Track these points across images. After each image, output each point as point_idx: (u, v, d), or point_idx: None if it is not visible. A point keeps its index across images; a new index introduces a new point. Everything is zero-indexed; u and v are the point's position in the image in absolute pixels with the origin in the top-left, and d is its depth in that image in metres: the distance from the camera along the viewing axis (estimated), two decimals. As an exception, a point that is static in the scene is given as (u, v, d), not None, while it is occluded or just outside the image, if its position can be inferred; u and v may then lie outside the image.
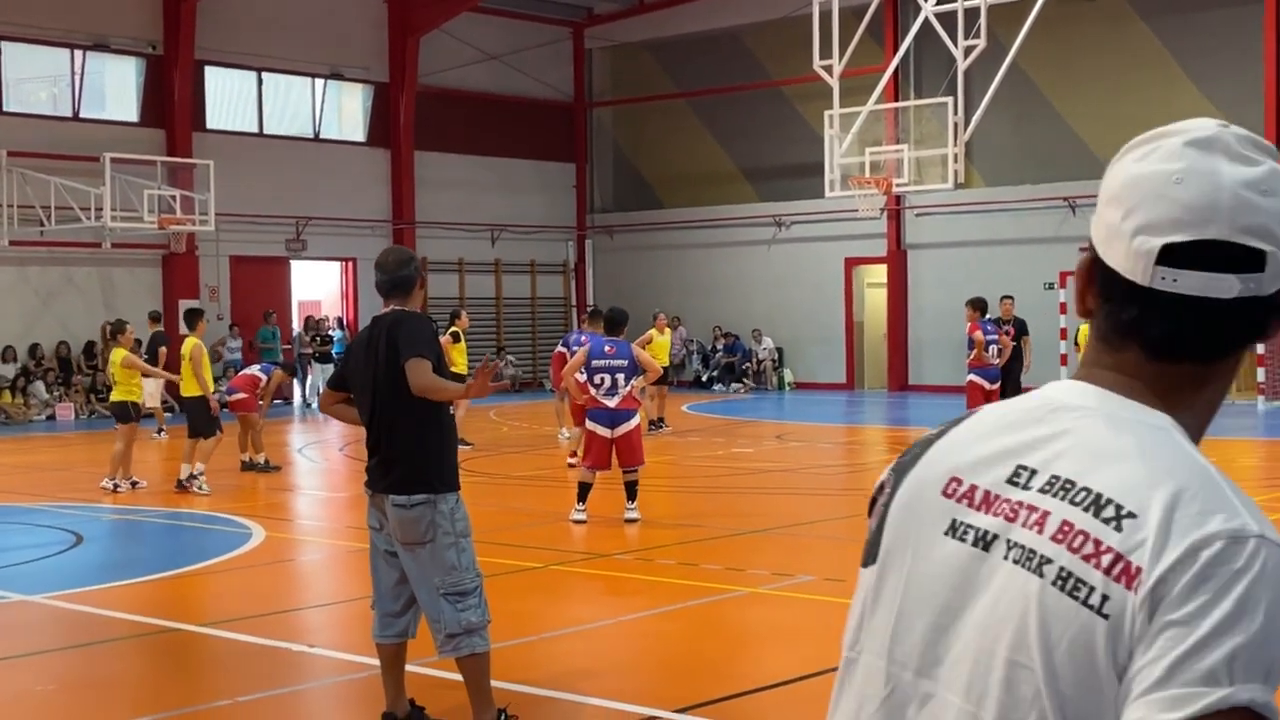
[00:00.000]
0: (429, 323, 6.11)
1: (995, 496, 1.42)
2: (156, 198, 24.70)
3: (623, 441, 11.72)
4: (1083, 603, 1.31)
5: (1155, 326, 1.42)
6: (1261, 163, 1.42)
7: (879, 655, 1.46)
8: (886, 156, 22.95)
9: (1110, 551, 1.31)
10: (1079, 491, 1.36)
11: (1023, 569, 1.36)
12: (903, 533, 1.48)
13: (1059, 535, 1.35)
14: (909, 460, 1.53)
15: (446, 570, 5.80)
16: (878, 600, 1.49)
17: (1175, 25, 26.44)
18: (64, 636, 8.18)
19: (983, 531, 1.41)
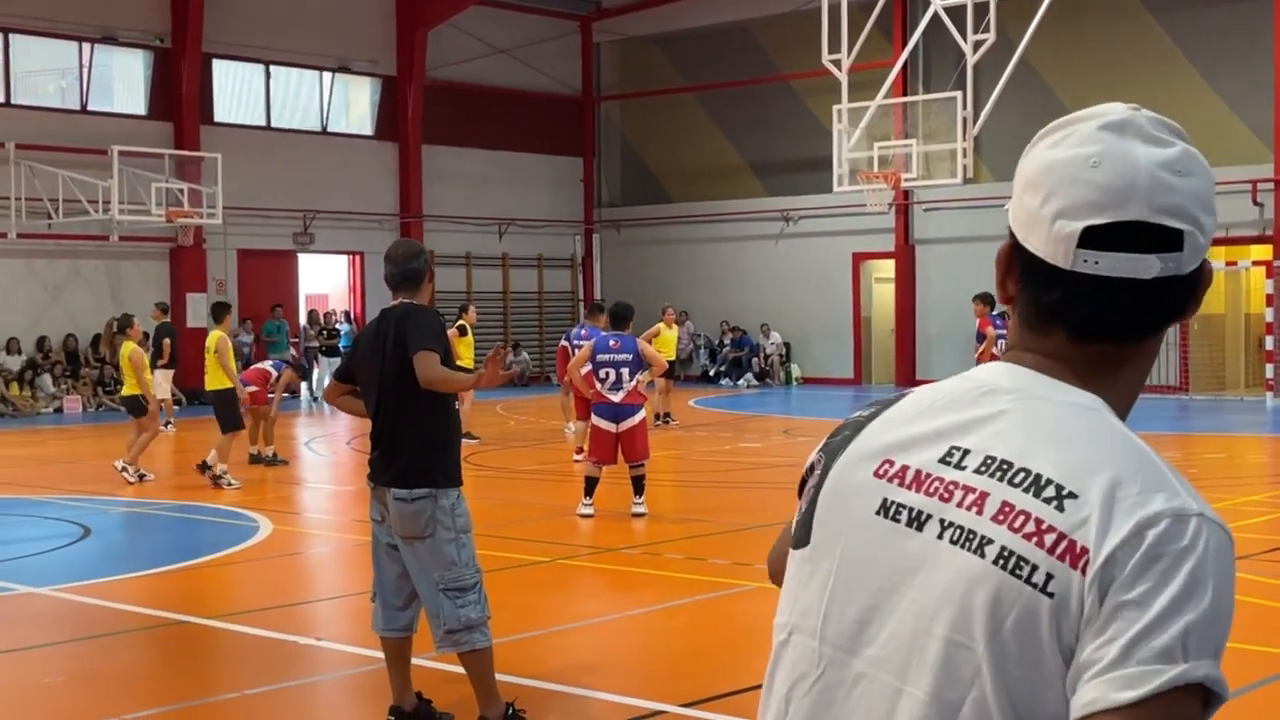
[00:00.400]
0: (437, 317, 6.10)
1: (927, 476, 1.42)
2: (164, 191, 24.73)
3: (627, 436, 11.71)
4: (1026, 581, 1.31)
5: (1079, 309, 1.45)
6: (1174, 144, 1.44)
7: (810, 636, 1.46)
8: (895, 151, 22.91)
9: (1053, 531, 1.32)
10: (1017, 472, 1.37)
11: (961, 549, 1.36)
12: (834, 514, 1.48)
13: (999, 516, 1.35)
14: (840, 442, 1.52)
15: (446, 566, 5.79)
16: (809, 581, 1.48)
17: (1184, 20, 26.37)
18: (72, 629, 8.19)
19: (915, 511, 1.41)
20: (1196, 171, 1.43)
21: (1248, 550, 9.96)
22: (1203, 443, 18.55)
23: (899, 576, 1.40)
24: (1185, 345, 26.34)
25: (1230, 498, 12.76)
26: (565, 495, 13.10)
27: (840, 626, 1.43)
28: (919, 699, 1.35)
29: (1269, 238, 25.53)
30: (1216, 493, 13.25)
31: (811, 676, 1.45)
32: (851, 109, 22.87)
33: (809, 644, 1.46)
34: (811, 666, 1.45)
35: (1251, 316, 27.24)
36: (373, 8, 30.44)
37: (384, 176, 30.79)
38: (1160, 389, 26.24)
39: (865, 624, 1.41)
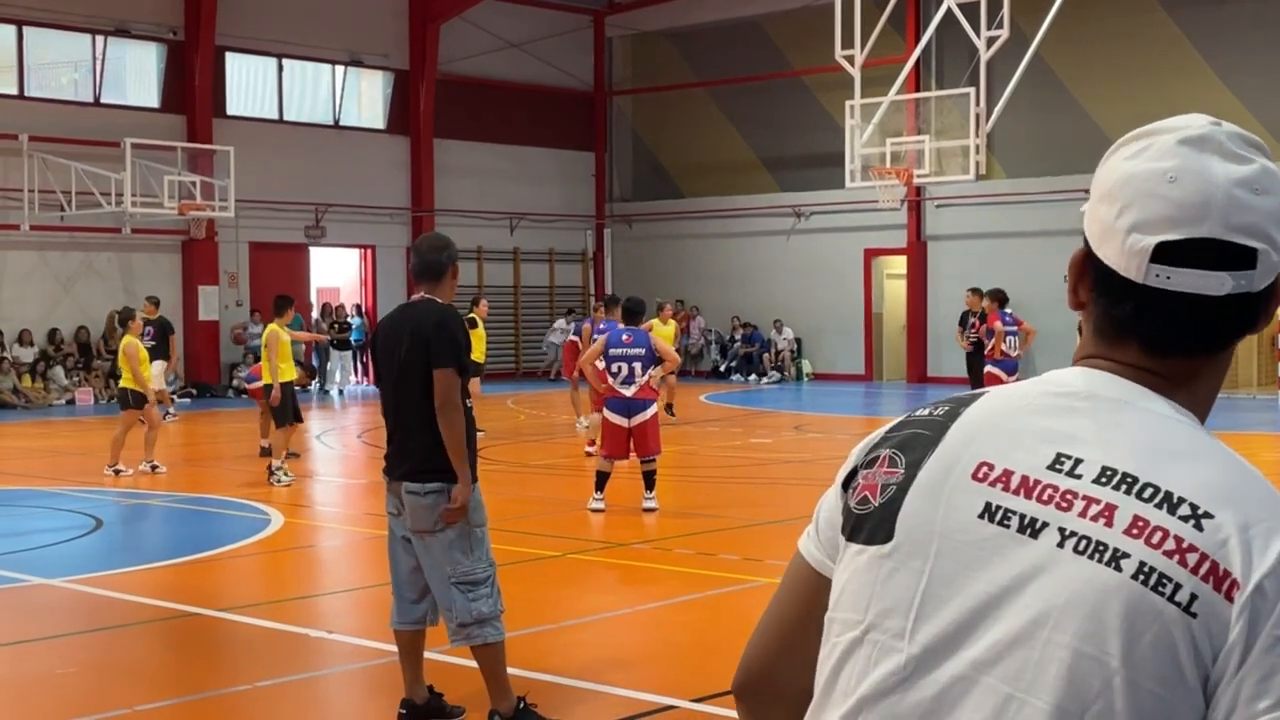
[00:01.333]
0: (463, 325, 6.05)
1: (1036, 483, 1.39)
2: (177, 183, 24.77)
3: (639, 431, 11.71)
4: (1169, 599, 1.30)
5: (1152, 323, 1.44)
6: (1254, 161, 1.43)
7: (895, 636, 1.42)
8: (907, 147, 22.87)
9: (1194, 550, 1.31)
10: (1144, 487, 1.35)
11: (1090, 560, 1.33)
12: (926, 513, 1.44)
13: (1133, 530, 1.33)
14: (918, 439, 1.49)
15: (458, 559, 5.79)
16: (890, 579, 1.44)
17: (1199, 16, 26.28)
18: (83, 620, 8.21)
19: (1029, 518, 1.38)
20: (1274, 189, 1.43)
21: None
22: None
23: (1011, 582, 1.37)
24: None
25: None
26: (576, 490, 13.11)
27: (935, 628, 1.40)
28: (1037, 707, 1.32)
29: (1282, 235, 25.43)
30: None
31: (899, 676, 1.41)
32: (864, 105, 22.83)
33: (893, 644, 1.42)
34: (899, 667, 1.41)
35: (1265, 315, 27.12)
36: (385, 2, 30.45)
37: (396, 170, 30.81)
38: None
39: (968, 627, 1.38)
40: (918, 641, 1.40)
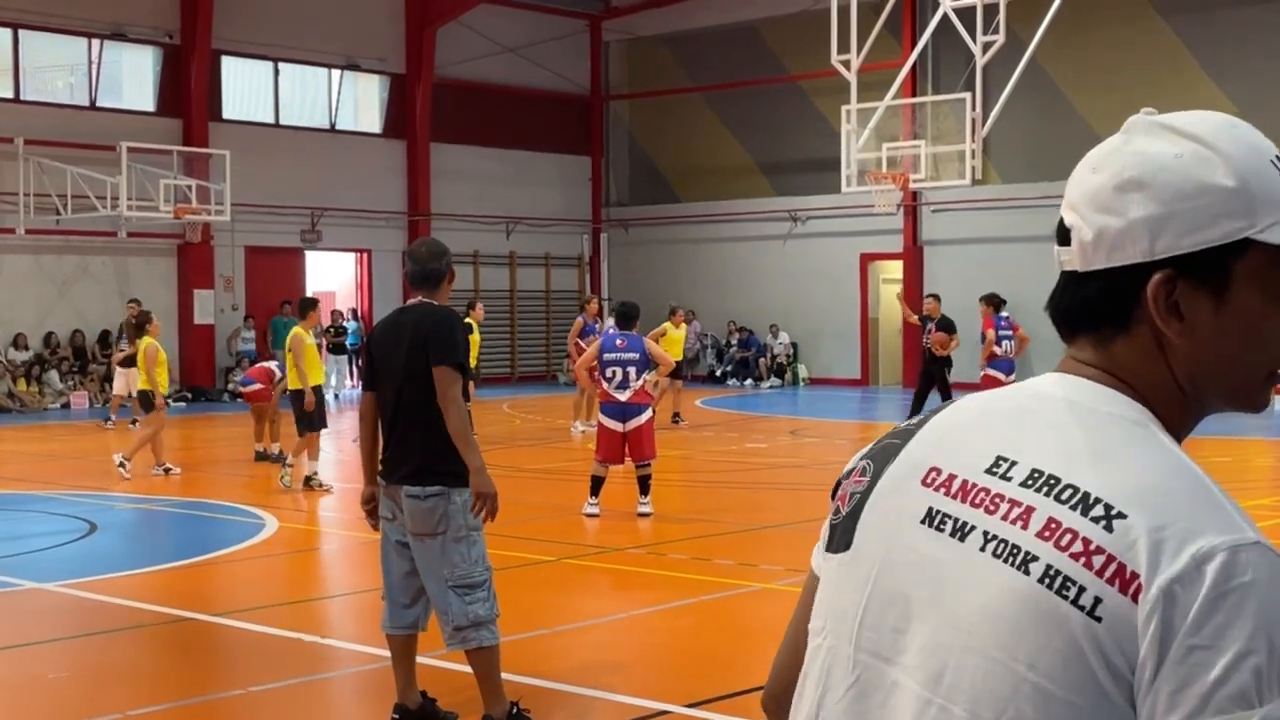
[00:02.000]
0: (461, 325, 6.08)
1: (973, 486, 1.39)
2: (172, 187, 24.76)
3: (634, 436, 11.71)
4: (1073, 603, 1.27)
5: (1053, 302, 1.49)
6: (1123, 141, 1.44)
7: (846, 641, 1.43)
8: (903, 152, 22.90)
9: (1102, 552, 1.28)
10: (1064, 488, 1.33)
11: (1005, 564, 1.32)
12: (878, 520, 1.45)
13: (1045, 532, 1.31)
14: (889, 449, 1.50)
15: (456, 563, 5.80)
16: (845, 586, 1.46)
17: (1195, 23, 26.32)
18: (77, 624, 8.20)
19: (960, 521, 1.37)
20: (1108, 168, 1.43)
21: (1255, 554, 9.94)
22: (1209, 446, 18.49)
23: (938, 587, 1.37)
24: (1193, 348, 26.29)
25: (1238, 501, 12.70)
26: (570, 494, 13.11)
27: (877, 634, 1.41)
28: (953, 714, 1.32)
29: (1278, 241, 25.46)
30: (1224, 496, 13.21)
31: (845, 683, 1.43)
32: (860, 110, 22.85)
33: (844, 649, 1.44)
34: (846, 673, 1.43)
35: (1260, 320, 27.15)
36: (382, 5, 30.46)
37: (392, 174, 30.80)
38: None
39: (901, 632, 1.39)
40: (863, 647, 1.42)
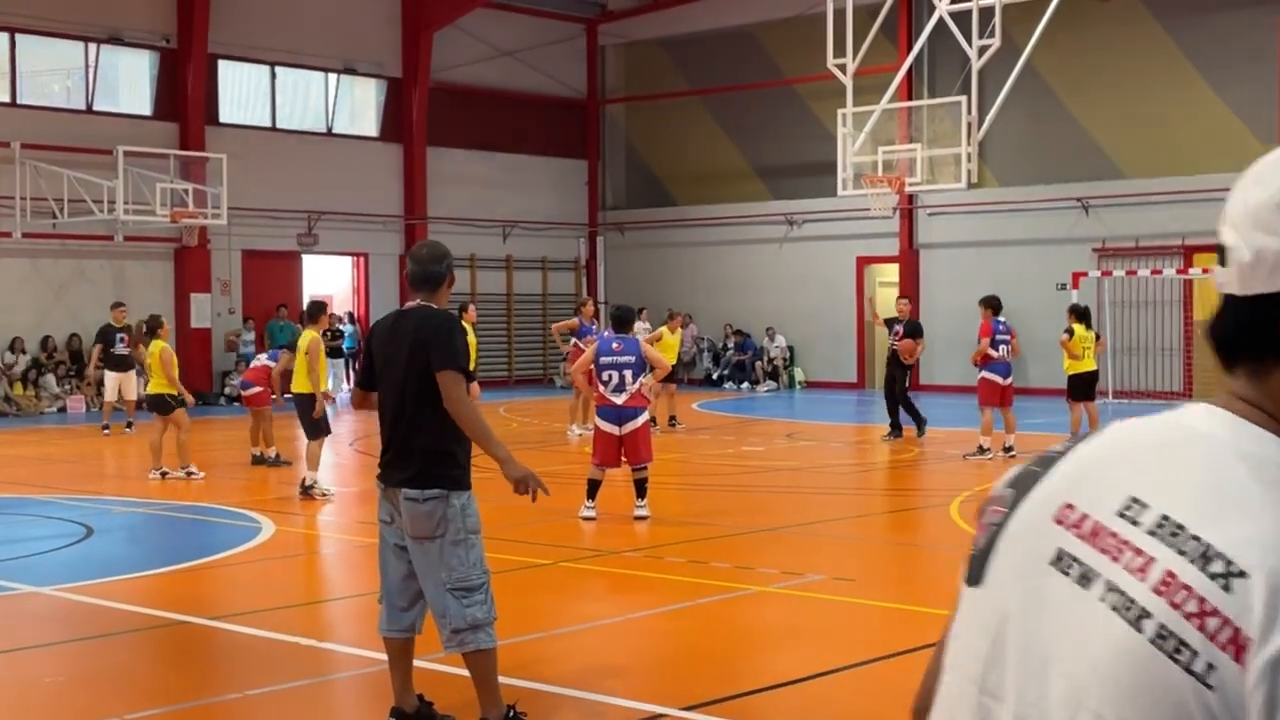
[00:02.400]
0: (460, 327, 6.10)
1: (1102, 529, 1.30)
2: (169, 191, 24.75)
3: (630, 439, 11.73)
4: (1185, 668, 1.19)
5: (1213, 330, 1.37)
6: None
7: (971, 681, 1.37)
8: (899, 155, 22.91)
9: (1216, 614, 1.19)
10: (1188, 539, 1.23)
11: (1120, 618, 1.23)
12: (1011, 558, 1.37)
13: (1161, 586, 1.22)
14: (1028, 479, 1.42)
15: (454, 566, 5.82)
16: (974, 624, 1.40)
17: (1190, 26, 26.36)
18: (73, 628, 8.20)
19: (1086, 568, 1.29)
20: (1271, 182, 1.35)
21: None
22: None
23: (1059, 636, 1.29)
24: (1189, 351, 26.35)
25: None
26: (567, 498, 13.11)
27: (1000, 677, 1.34)
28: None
29: (1273, 244, 25.50)
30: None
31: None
32: (856, 113, 22.87)
33: (968, 689, 1.37)
34: (971, 714, 1.36)
35: (1255, 323, 27.19)
36: (378, 9, 30.48)
37: (388, 178, 30.81)
38: (1164, 395, 26.24)
39: (1023, 679, 1.31)
40: (988, 690, 1.35)
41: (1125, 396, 26.15)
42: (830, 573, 9.53)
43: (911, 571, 10.34)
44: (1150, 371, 26.80)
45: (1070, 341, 17.51)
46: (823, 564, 9.98)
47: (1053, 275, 26.72)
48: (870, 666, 7.05)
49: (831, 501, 13.91)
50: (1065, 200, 27.56)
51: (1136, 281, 26.59)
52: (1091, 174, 27.35)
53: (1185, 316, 26.46)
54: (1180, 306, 26.52)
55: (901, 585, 9.56)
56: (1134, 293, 26.84)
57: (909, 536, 11.90)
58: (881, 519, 12.99)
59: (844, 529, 11.94)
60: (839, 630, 8.03)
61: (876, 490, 15.42)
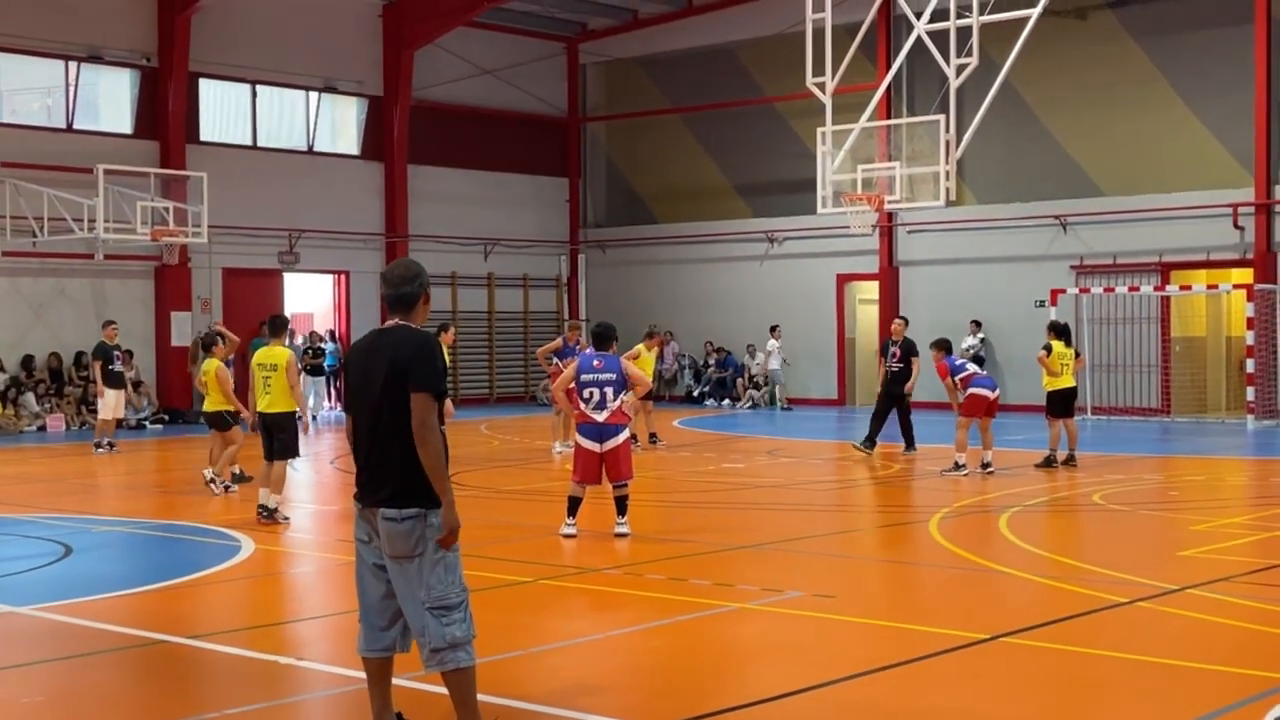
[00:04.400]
0: (439, 348, 6.06)
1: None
2: (150, 209, 24.73)
3: (611, 456, 11.75)
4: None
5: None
6: None
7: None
8: (879, 173, 23.01)
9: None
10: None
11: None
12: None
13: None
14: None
15: (433, 585, 5.82)
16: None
17: (1167, 45, 26.56)
18: (52, 648, 8.17)
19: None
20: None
21: (1229, 573, 10.02)
22: (1184, 465, 18.63)
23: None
24: (1167, 368, 26.48)
25: (1212, 520, 12.81)
26: (547, 515, 13.12)
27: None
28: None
29: (1249, 261, 25.70)
30: (1197, 514, 13.31)
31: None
32: (836, 131, 22.97)
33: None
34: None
35: (1232, 339, 27.39)
36: (359, 28, 30.51)
37: (369, 196, 30.83)
38: (1142, 411, 26.36)
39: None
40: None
41: (1104, 413, 26.27)
42: (810, 589, 9.56)
43: (891, 588, 10.37)
44: (1128, 388, 26.92)
45: (1048, 358, 17.61)
46: (803, 581, 10.00)
47: (1031, 292, 26.84)
48: (850, 683, 7.08)
49: (812, 518, 13.94)
50: (1043, 218, 27.70)
51: (1114, 298, 26.74)
52: (1069, 191, 27.50)
53: (1163, 333, 26.60)
54: (1158, 323, 26.66)
55: (882, 602, 9.59)
56: (1112, 310, 26.98)
57: (889, 553, 11.94)
58: (861, 535, 13.03)
59: (824, 545, 11.97)
60: (819, 647, 8.06)
61: (856, 507, 15.46)
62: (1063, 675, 7.30)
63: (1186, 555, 10.92)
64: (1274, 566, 10.45)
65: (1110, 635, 8.20)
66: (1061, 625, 8.37)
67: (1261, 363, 24.70)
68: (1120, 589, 9.37)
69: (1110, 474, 16.89)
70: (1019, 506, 14.08)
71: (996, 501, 14.39)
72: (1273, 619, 8.49)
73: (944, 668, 7.40)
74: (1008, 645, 7.84)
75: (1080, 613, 8.71)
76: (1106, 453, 19.55)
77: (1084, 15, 27.30)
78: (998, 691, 7.01)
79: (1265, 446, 21.32)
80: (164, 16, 27.16)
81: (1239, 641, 8.08)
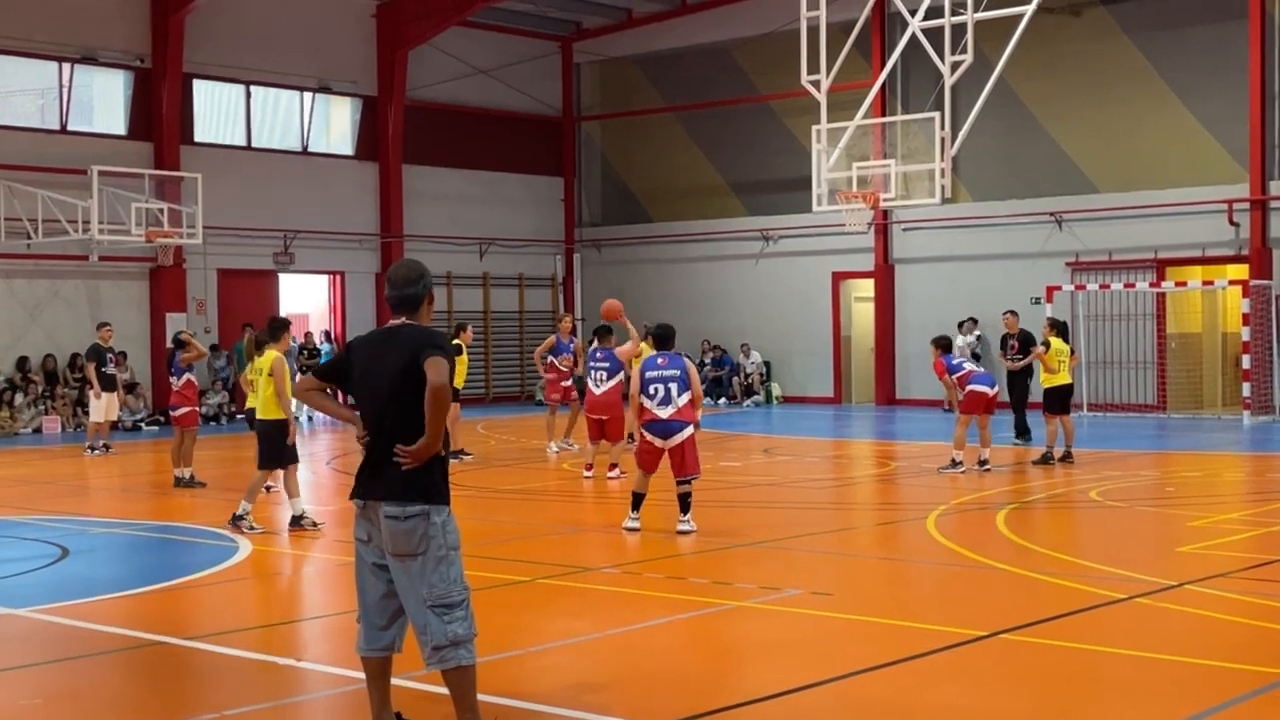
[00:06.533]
0: (447, 341, 6.12)
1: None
2: (144, 211, 24.70)
3: (676, 452, 11.99)
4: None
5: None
6: None
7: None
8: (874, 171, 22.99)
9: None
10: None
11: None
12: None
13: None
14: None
15: (434, 583, 5.83)
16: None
17: (1160, 41, 26.58)
18: (50, 650, 8.16)
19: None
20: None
21: (1226, 569, 10.03)
22: (1181, 461, 18.65)
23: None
24: (1163, 364, 26.50)
25: (1208, 515, 12.82)
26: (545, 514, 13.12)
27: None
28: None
29: (1245, 257, 25.72)
30: (1194, 510, 13.33)
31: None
32: (830, 129, 22.96)
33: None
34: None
35: (1228, 335, 27.41)
36: (353, 28, 30.49)
37: (364, 196, 30.81)
38: (1138, 407, 26.38)
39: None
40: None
41: (1099, 410, 26.28)
42: (808, 587, 9.56)
43: (889, 585, 10.37)
44: (1124, 384, 26.94)
45: (1046, 354, 17.63)
46: (801, 579, 10.01)
47: (1027, 289, 26.83)
48: (849, 680, 7.08)
49: (809, 516, 13.94)
50: (1039, 215, 27.72)
51: (1110, 295, 26.75)
52: (1064, 188, 27.51)
53: (1158, 329, 26.62)
54: (1153, 320, 26.67)
55: (880, 599, 9.59)
56: (1108, 306, 27.00)
57: (886, 550, 11.94)
58: (859, 533, 13.03)
59: (822, 544, 11.97)
60: (817, 645, 8.06)
61: (853, 505, 15.46)
62: (1061, 672, 7.30)
63: (1184, 551, 10.93)
64: (1271, 562, 10.46)
65: (1108, 631, 8.20)
66: (1059, 622, 8.37)
67: (1257, 358, 24.72)
68: (1118, 585, 9.38)
69: (1107, 470, 16.90)
70: (1016, 503, 14.09)
71: (994, 499, 14.40)
72: (1270, 614, 8.50)
73: (942, 665, 7.40)
74: (1006, 642, 7.84)
75: (1078, 609, 8.71)
76: (1103, 449, 19.56)
77: (1078, 12, 27.31)
78: (996, 688, 7.01)
79: (1261, 442, 21.34)
80: (157, 17, 27.12)
81: (1237, 637, 8.09)
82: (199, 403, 16.35)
